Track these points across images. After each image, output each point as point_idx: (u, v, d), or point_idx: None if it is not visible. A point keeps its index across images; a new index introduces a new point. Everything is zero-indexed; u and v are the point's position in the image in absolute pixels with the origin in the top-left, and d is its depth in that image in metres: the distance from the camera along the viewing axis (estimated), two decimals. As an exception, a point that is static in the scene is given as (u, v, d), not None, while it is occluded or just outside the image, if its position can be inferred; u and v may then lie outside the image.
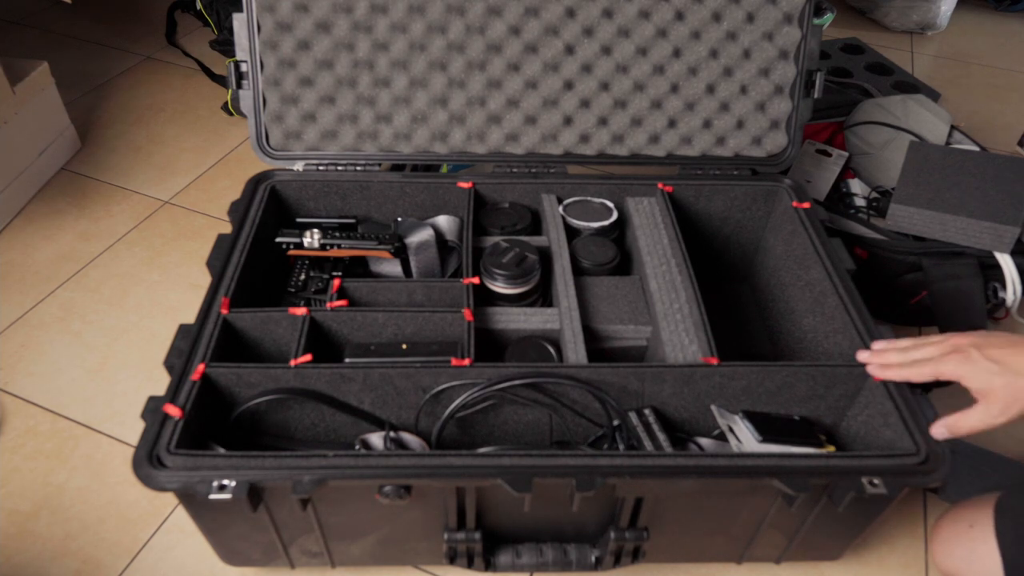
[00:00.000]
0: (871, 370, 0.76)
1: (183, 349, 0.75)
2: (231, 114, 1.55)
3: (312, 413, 0.77)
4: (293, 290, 0.90)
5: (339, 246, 0.91)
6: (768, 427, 0.75)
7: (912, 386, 0.74)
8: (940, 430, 0.69)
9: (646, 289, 0.90)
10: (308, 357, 0.76)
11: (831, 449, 0.77)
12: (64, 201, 1.33)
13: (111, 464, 0.94)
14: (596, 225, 0.98)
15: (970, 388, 0.68)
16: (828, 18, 1.54)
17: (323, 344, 0.82)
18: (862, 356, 0.78)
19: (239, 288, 0.83)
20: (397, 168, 1.11)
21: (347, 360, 0.78)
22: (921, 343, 0.74)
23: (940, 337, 0.74)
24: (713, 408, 0.78)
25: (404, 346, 0.79)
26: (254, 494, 0.64)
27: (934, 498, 0.93)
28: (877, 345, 0.78)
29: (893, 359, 0.75)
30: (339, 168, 1.00)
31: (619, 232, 1.02)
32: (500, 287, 0.88)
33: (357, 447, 0.75)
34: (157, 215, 1.31)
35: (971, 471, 0.89)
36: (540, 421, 0.79)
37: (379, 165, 1.01)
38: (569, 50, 0.96)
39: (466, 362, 0.76)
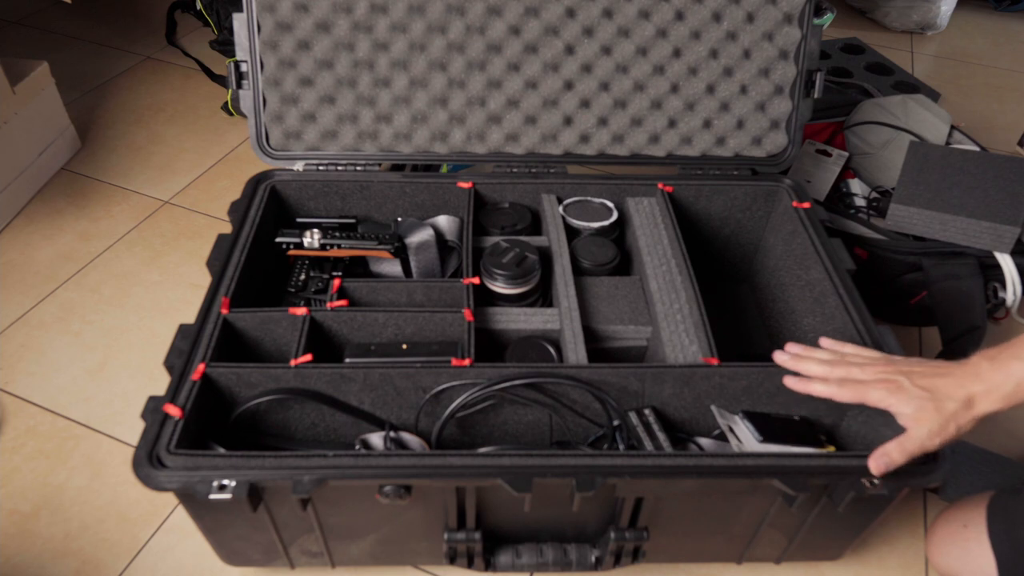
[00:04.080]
0: (788, 381, 0.74)
1: (183, 349, 0.75)
2: (231, 114, 1.55)
3: (312, 413, 0.77)
4: (293, 290, 0.90)
5: (339, 246, 0.91)
6: (768, 427, 0.75)
7: None
8: (878, 464, 0.66)
9: (646, 289, 0.90)
10: (308, 357, 0.76)
11: (831, 449, 0.77)
12: (64, 201, 1.33)
13: (111, 464, 0.94)
14: (596, 225, 0.98)
15: (899, 415, 0.67)
16: (828, 18, 1.54)
17: (323, 344, 0.82)
18: (779, 358, 0.76)
19: (239, 288, 0.83)
20: (397, 168, 1.11)
21: (347, 360, 0.78)
22: (845, 361, 0.72)
23: (865, 358, 0.72)
24: (713, 408, 0.78)
25: (404, 346, 0.79)
26: (254, 494, 0.64)
27: (934, 498, 0.93)
28: (793, 348, 0.76)
29: (815, 370, 0.73)
30: (339, 168, 1.00)
31: (619, 232, 1.02)
32: (500, 287, 0.88)
33: (357, 447, 0.75)
34: (157, 215, 1.31)
35: (971, 471, 0.89)
36: (540, 421, 0.79)
37: (379, 165, 1.01)
38: (569, 50, 0.96)
39: (466, 362, 0.76)
